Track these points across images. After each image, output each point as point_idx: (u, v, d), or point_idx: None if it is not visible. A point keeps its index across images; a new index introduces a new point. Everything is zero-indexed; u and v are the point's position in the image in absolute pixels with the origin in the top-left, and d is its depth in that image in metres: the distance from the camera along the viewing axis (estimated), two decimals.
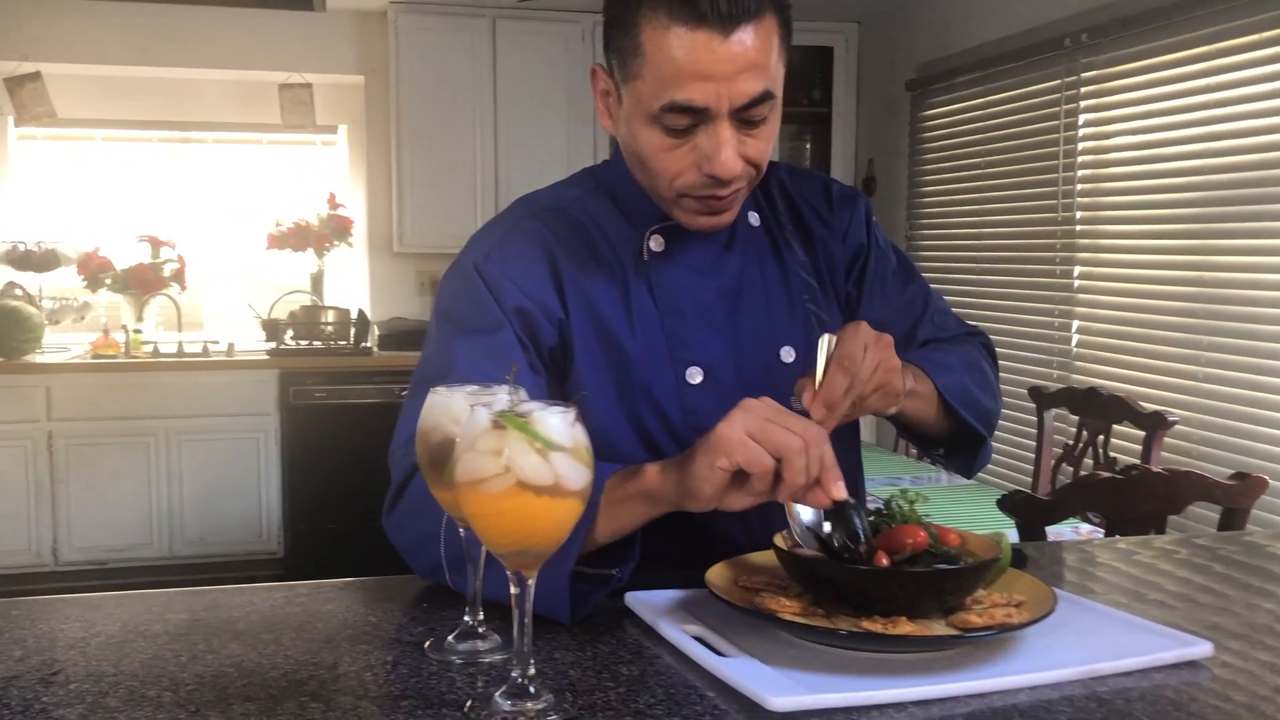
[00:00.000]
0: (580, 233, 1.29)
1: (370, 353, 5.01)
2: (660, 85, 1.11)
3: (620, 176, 1.30)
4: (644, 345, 1.26)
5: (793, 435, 0.96)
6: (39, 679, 0.91)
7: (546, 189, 1.36)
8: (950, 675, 0.89)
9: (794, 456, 0.96)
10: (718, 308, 1.28)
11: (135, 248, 5.08)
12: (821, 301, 1.35)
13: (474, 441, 0.82)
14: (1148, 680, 0.91)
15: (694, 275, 1.28)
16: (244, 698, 0.87)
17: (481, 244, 1.29)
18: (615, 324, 1.25)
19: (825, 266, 1.37)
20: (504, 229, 1.30)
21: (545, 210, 1.31)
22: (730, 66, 1.09)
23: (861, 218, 1.40)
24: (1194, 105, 3.31)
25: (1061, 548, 1.49)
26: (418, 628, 1.04)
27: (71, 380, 4.60)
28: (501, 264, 1.25)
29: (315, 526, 4.78)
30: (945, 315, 1.44)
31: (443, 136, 5.03)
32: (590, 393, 1.25)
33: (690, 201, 1.20)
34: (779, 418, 0.98)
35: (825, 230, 1.38)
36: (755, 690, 0.84)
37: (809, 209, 1.38)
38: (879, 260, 1.40)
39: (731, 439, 0.97)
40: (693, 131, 1.14)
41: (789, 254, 1.35)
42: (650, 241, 1.28)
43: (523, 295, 1.23)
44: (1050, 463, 3.43)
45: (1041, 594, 1.01)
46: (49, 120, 4.95)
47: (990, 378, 1.38)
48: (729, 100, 1.11)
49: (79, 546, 4.63)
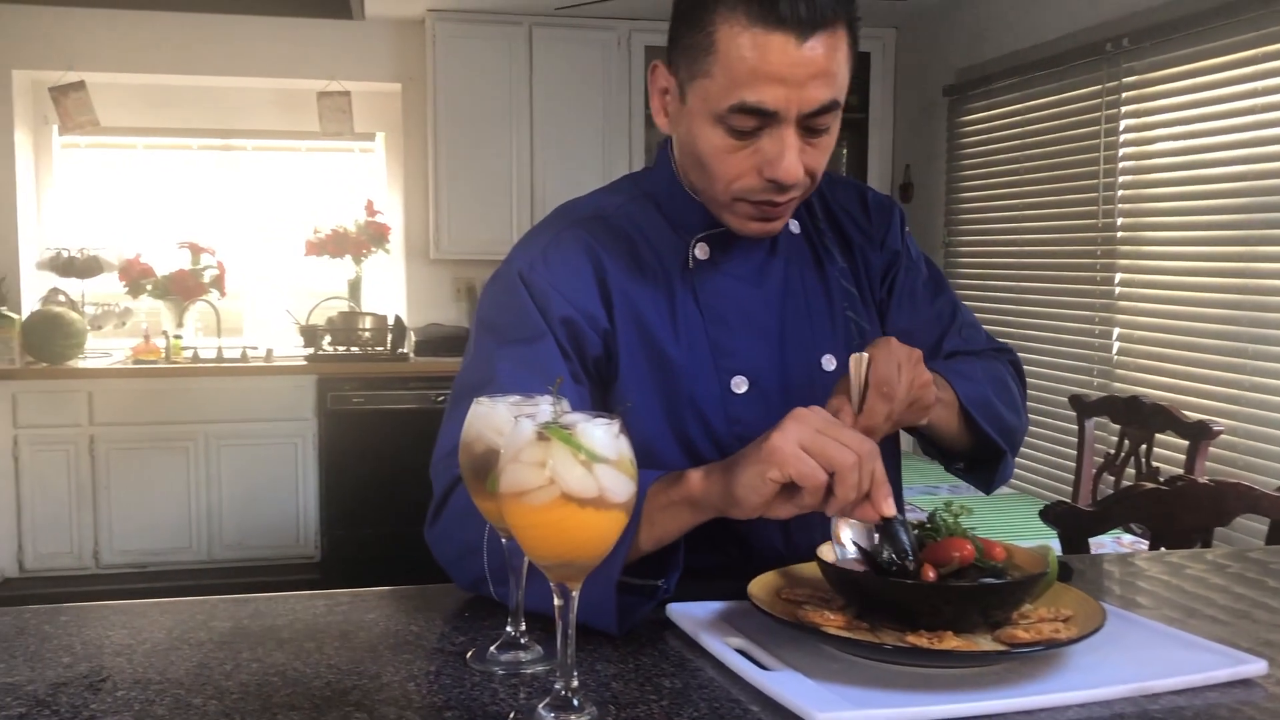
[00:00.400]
0: (624, 241, 1.27)
1: (407, 358, 5.03)
2: (731, 85, 1.10)
3: (664, 183, 1.29)
4: (689, 354, 1.25)
5: (847, 450, 0.96)
6: (87, 685, 0.92)
7: (587, 197, 1.34)
8: (998, 691, 0.88)
9: (848, 473, 0.95)
10: (762, 316, 1.28)
11: (176, 254, 5.14)
12: (861, 309, 1.35)
13: (518, 453, 0.82)
14: (1201, 699, 0.89)
15: (739, 283, 1.27)
16: (288, 707, 0.87)
17: (526, 252, 1.27)
18: (661, 333, 1.25)
19: (864, 273, 1.37)
20: (549, 237, 1.28)
21: (588, 218, 1.29)
22: (804, 72, 1.09)
23: (897, 226, 1.40)
24: (1238, 110, 3.26)
25: (1106, 560, 1.47)
26: (460, 637, 1.04)
27: (113, 385, 4.66)
28: (548, 273, 1.24)
29: (352, 531, 4.81)
30: (973, 329, 1.43)
31: (479, 143, 5.06)
32: (634, 402, 1.24)
33: (745, 206, 1.19)
34: (832, 430, 0.97)
35: (863, 237, 1.38)
36: (800, 705, 0.84)
37: (846, 216, 1.38)
38: (910, 270, 1.40)
39: (785, 451, 0.96)
40: (757, 135, 1.13)
41: (829, 261, 1.34)
42: (695, 249, 1.27)
43: (569, 305, 1.22)
44: (1091, 473, 3.39)
45: (1090, 609, 0.99)
46: (92, 128, 5.02)
47: (1015, 394, 1.37)
48: (798, 106, 1.10)
49: (120, 550, 4.69)
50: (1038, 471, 4.20)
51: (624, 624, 1.02)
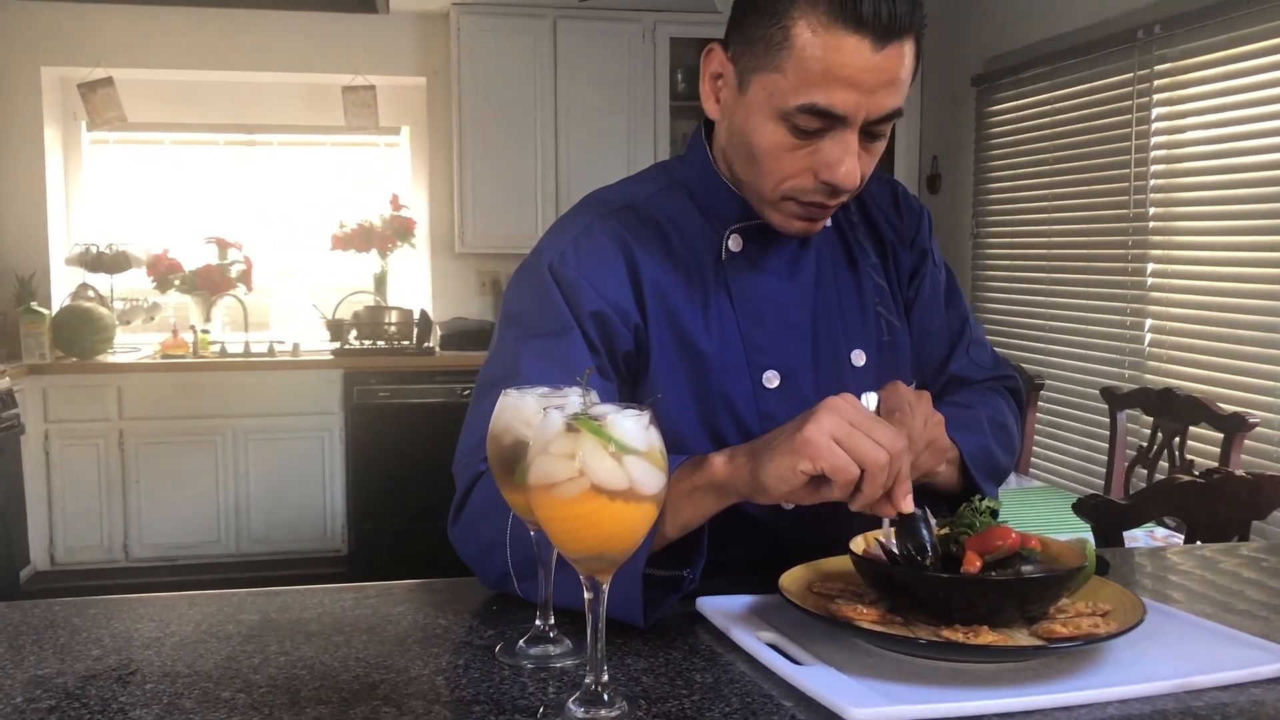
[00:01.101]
0: (656, 232, 1.25)
1: (433, 353, 5.04)
2: (803, 83, 1.08)
3: (697, 173, 1.26)
4: (720, 348, 1.23)
5: (879, 449, 0.95)
6: (115, 678, 0.92)
7: (616, 185, 1.31)
8: (1035, 687, 0.87)
9: (878, 472, 0.95)
10: (795, 310, 1.26)
11: (203, 249, 5.17)
12: (891, 305, 1.34)
13: (547, 445, 0.81)
14: (1245, 695, 0.87)
15: (772, 277, 1.26)
16: (317, 700, 0.87)
17: (555, 244, 1.23)
18: (693, 326, 1.22)
19: (894, 270, 1.36)
20: (579, 228, 1.24)
21: (620, 209, 1.26)
22: (876, 78, 1.07)
23: (926, 227, 1.40)
24: (1273, 98, 3.21)
25: (1139, 554, 1.44)
26: (488, 631, 1.03)
27: (142, 380, 4.69)
28: (579, 265, 1.20)
29: (379, 525, 4.83)
30: (980, 348, 1.42)
31: (504, 137, 5.05)
32: (664, 396, 1.21)
33: (793, 205, 1.17)
34: (865, 424, 0.96)
35: (895, 234, 1.36)
36: (835, 700, 0.82)
37: (879, 212, 1.36)
38: (933, 274, 1.39)
39: (819, 444, 0.95)
40: (820, 136, 1.11)
41: (862, 256, 1.32)
42: (729, 241, 1.25)
43: (600, 299, 1.19)
44: (1124, 466, 3.35)
45: (1129, 603, 0.97)
46: (120, 124, 5.05)
47: (1014, 435, 1.36)
48: (867, 112, 1.09)
49: (149, 543, 4.72)
50: (1069, 465, 4.15)
51: (649, 616, 1.01)
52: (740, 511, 1.23)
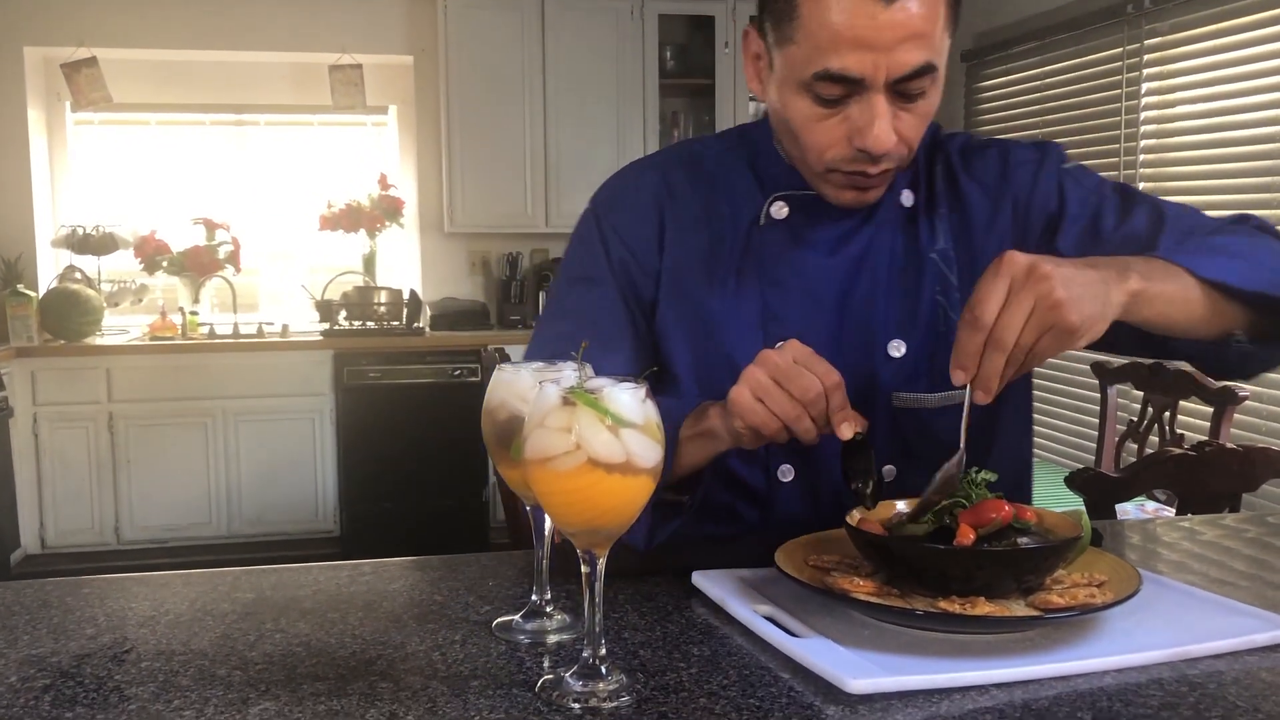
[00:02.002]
0: (704, 187, 1.27)
1: (423, 333, 5.03)
2: (814, 51, 1.06)
3: (763, 139, 1.26)
4: (731, 309, 1.23)
5: (793, 403, 0.99)
6: (111, 657, 0.91)
7: (707, 136, 1.36)
8: (1032, 657, 0.87)
9: (794, 422, 1.00)
10: (824, 285, 1.22)
11: (190, 230, 5.14)
12: (955, 299, 1.23)
13: (544, 418, 0.81)
14: (1240, 663, 0.87)
15: (809, 249, 1.23)
16: (313, 677, 0.86)
17: (608, 190, 1.33)
18: (702, 283, 1.24)
19: (974, 260, 1.23)
20: (627, 178, 1.32)
21: (678, 161, 1.31)
22: (891, 35, 1.03)
23: (1047, 178, 1.24)
24: (1263, 71, 3.21)
25: (1128, 526, 1.45)
26: (484, 607, 1.03)
27: (131, 362, 4.67)
28: (615, 216, 1.29)
29: (371, 506, 4.82)
30: (1195, 216, 1.23)
31: (492, 116, 5.03)
32: (668, 349, 1.26)
33: (838, 176, 1.15)
34: (787, 377, 0.99)
35: (991, 213, 1.24)
36: (833, 671, 0.82)
37: (977, 189, 1.25)
38: (1075, 219, 1.22)
39: (740, 403, 1.01)
40: (845, 102, 1.08)
41: (930, 241, 1.24)
42: (771, 207, 1.24)
43: (624, 248, 1.26)
44: (1114, 440, 3.36)
45: (1124, 573, 0.98)
46: (105, 105, 5.01)
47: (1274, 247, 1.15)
48: (886, 71, 1.05)
49: (140, 525, 4.71)
50: (1060, 440, 4.17)
51: (652, 539, 1.07)
52: (737, 482, 1.23)
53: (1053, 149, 1.27)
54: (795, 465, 1.24)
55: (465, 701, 0.81)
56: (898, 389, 1.22)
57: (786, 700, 0.81)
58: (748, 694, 0.82)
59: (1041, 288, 0.94)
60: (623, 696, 0.81)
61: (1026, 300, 0.94)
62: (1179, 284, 1.05)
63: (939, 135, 1.29)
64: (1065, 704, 0.80)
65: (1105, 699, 0.81)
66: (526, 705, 0.81)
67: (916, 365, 1.22)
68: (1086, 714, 0.78)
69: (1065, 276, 0.95)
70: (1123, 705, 0.80)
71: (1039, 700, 0.81)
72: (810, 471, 1.24)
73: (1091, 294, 0.96)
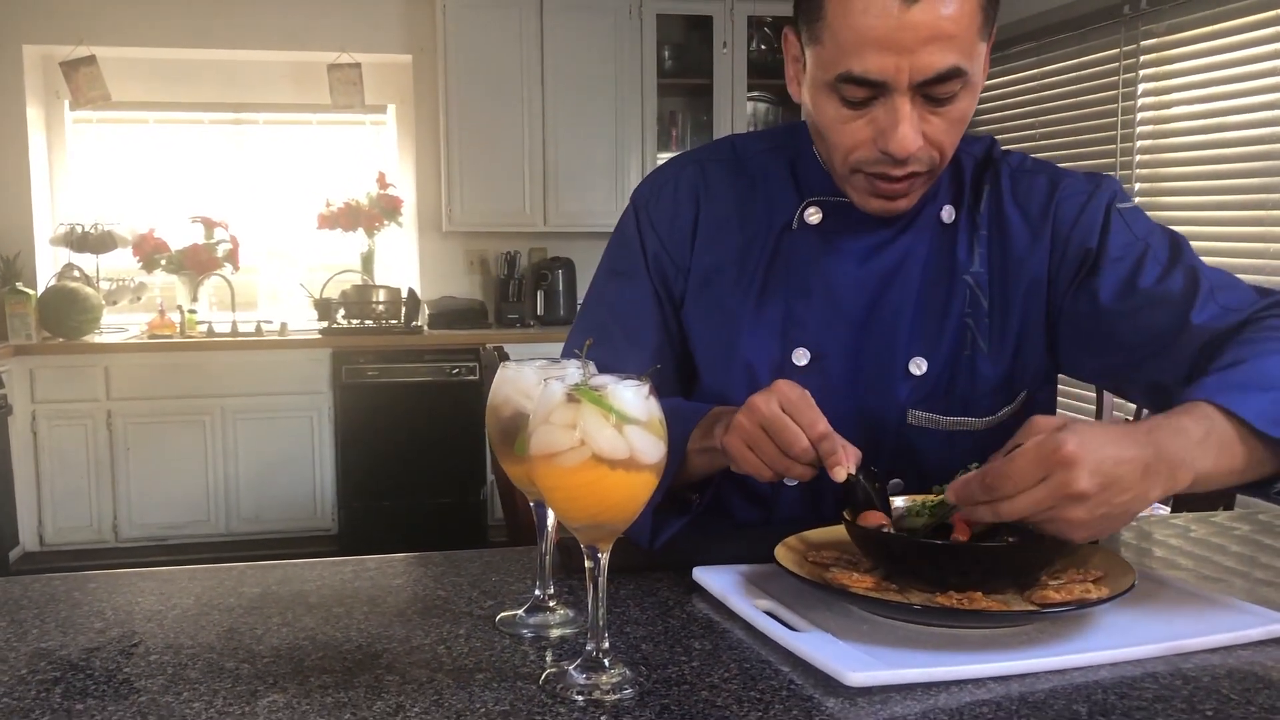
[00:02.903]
0: (743, 187, 1.28)
1: (421, 331, 5.04)
2: (838, 53, 1.05)
3: (804, 141, 1.25)
4: (755, 312, 1.24)
5: (781, 457, 1.01)
6: (120, 650, 0.92)
7: (752, 133, 1.36)
8: (1029, 651, 0.88)
9: (785, 471, 1.02)
10: (849, 296, 1.21)
11: (189, 228, 5.14)
12: (984, 324, 1.21)
13: (548, 415, 0.82)
14: (1234, 658, 0.89)
15: (838, 257, 1.22)
16: (320, 670, 0.87)
17: (649, 184, 1.34)
18: (727, 283, 1.25)
19: (1006, 288, 1.21)
20: (668, 173, 1.33)
21: (720, 159, 1.31)
22: (913, 36, 1.01)
23: (1090, 218, 1.19)
24: (1258, 73, 3.23)
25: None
26: (488, 601, 1.04)
27: (129, 360, 4.68)
28: (653, 211, 1.30)
29: (369, 504, 4.83)
30: (1231, 291, 1.14)
31: (491, 115, 5.03)
32: (691, 347, 1.28)
33: (862, 179, 1.14)
34: (775, 428, 1.01)
35: (1030, 242, 1.21)
36: (832, 665, 0.84)
37: (1019, 216, 1.22)
38: (1116, 262, 1.17)
39: (732, 451, 1.04)
40: (870, 104, 1.07)
41: (966, 261, 1.21)
42: (805, 212, 1.23)
43: (659, 241, 1.28)
44: None
45: (1120, 569, 0.99)
46: (104, 103, 5.01)
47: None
48: (910, 74, 1.03)
49: (139, 523, 4.72)
50: None
51: (657, 539, 1.08)
52: (741, 485, 1.25)
53: (1107, 183, 1.23)
54: None
55: (470, 694, 0.82)
56: (914, 406, 1.21)
57: (787, 693, 0.82)
58: (748, 687, 0.83)
59: (1073, 514, 0.88)
60: (625, 689, 0.82)
61: (1046, 502, 0.88)
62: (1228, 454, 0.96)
63: (994, 152, 1.26)
64: (1061, 697, 0.81)
65: (1100, 692, 0.82)
66: (531, 698, 0.82)
67: (936, 385, 1.21)
68: (1082, 707, 0.80)
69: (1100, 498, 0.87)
70: (1117, 698, 0.81)
71: (1035, 693, 0.82)
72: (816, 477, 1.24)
73: (1119, 512, 0.90)
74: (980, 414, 1.22)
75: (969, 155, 1.24)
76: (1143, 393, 1.19)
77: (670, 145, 5.31)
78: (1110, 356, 1.19)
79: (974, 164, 1.25)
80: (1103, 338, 1.18)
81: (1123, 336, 1.16)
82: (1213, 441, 0.95)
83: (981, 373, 1.21)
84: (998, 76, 4.56)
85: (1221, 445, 0.95)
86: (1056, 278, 1.21)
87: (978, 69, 1.08)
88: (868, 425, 1.20)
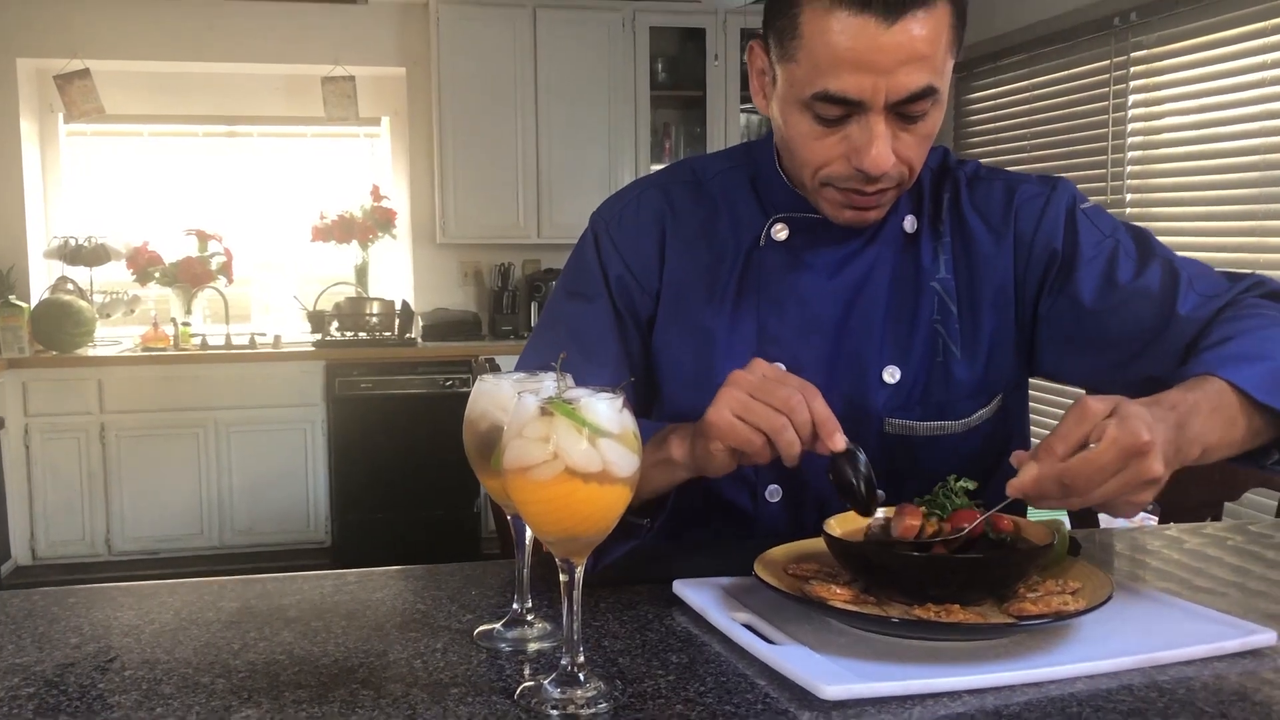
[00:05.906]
0: (706, 208, 1.28)
1: (415, 343, 5.04)
2: (814, 72, 1.06)
3: (765, 158, 1.27)
4: (728, 329, 1.24)
5: (775, 414, 0.98)
6: (95, 666, 0.92)
7: (707, 155, 1.36)
8: (1006, 663, 0.88)
9: (779, 433, 0.98)
10: (822, 309, 1.22)
11: (183, 241, 5.15)
12: (954, 329, 1.23)
13: (522, 428, 0.82)
14: (1209, 670, 0.89)
15: (807, 272, 1.23)
16: (295, 685, 0.87)
17: (611, 208, 1.32)
18: (701, 302, 1.25)
19: (974, 293, 1.23)
20: (629, 196, 1.32)
21: (680, 181, 1.31)
22: (891, 58, 1.03)
23: (1053, 219, 1.22)
24: (1248, 84, 3.24)
25: (1111, 534, 1.46)
26: (466, 615, 1.04)
27: (123, 373, 4.67)
28: (617, 234, 1.29)
29: (363, 516, 4.83)
30: (1205, 278, 1.18)
31: (485, 127, 5.05)
32: (666, 367, 1.27)
33: (833, 193, 1.15)
34: (764, 391, 0.99)
35: (994, 247, 1.23)
36: (807, 678, 0.84)
37: (980, 222, 1.24)
38: (1090, 261, 1.20)
39: (719, 424, 1.00)
40: (844, 122, 1.08)
41: (932, 268, 1.23)
42: (772, 229, 1.24)
43: (623, 266, 1.27)
44: None
45: (1098, 581, 0.99)
46: (98, 116, 5.02)
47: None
48: (886, 93, 1.04)
49: (131, 536, 4.71)
50: None
51: (601, 561, 1.05)
52: (723, 503, 1.24)
53: (1063, 185, 1.25)
54: (783, 486, 1.25)
55: (444, 709, 0.82)
56: (890, 415, 1.22)
57: (761, 706, 0.82)
58: (724, 700, 0.83)
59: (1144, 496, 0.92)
60: (600, 703, 0.82)
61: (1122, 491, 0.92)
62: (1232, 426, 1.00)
63: (949, 161, 1.29)
64: (1036, 710, 0.81)
65: (1076, 705, 0.82)
66: (505, 712, 0.82)
67: (911, 392, 1.22)
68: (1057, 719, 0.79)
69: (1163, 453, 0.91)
70: (1092, 711, 0.81)
71: (1010, 706, 0.82)
72: (797, 491, 1.25)
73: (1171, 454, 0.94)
74: (956, 418, 1.24)
75: (925, 166, 1.25)
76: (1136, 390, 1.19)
77: (663, 157, 5.32)
78: (1099, 356, 1.22)
79: (931, 174, 1.27)
80: (1090, 338, 1.21)
81: (1112, 334, 1.19)
82: (1219, 414, 1.00)
83: (956, 378, 1.23)
84: (989, 88, 4.58)
85: (1226, 418, 1.00)
86: (1024, 280, 1.23)
87: (946, 85, 1.10)
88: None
